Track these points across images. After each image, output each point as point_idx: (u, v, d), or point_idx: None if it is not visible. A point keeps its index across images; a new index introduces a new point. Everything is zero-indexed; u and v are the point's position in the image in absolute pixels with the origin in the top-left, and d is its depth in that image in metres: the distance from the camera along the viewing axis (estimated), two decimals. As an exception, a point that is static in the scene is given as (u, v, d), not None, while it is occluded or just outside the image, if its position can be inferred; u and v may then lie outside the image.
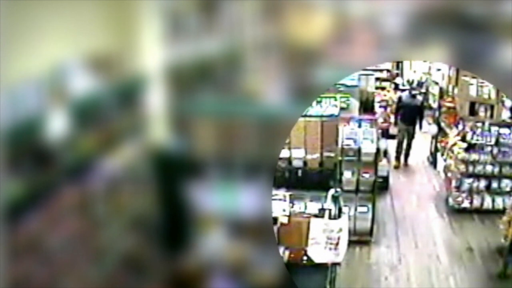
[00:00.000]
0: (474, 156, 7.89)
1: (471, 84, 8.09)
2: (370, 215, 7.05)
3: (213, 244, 3.98)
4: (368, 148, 6.86)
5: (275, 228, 4.49)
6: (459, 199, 8.03)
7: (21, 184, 2.51)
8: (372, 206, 7.06)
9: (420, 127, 10.62)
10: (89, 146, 3.10)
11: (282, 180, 4.88)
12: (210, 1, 4.08)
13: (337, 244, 4.49)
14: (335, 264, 4.66)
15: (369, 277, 6.44)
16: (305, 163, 5.13)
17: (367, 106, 8.40)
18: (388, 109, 10.87)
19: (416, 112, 10.36)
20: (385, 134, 9.72)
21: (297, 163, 5.07)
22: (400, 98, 10.70)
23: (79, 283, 3.00)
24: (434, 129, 10.28)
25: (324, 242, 4.49)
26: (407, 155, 10.57)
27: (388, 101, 11.11)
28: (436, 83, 12.29)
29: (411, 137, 10.48)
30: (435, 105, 11.64)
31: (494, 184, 7.94)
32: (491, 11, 4.53)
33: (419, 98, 10.87)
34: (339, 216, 4.64)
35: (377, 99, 9.85)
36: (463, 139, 8.07)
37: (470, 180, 7.97)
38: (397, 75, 15.27)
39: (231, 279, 3.93)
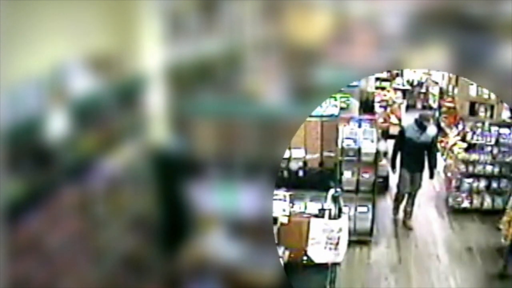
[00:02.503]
0: (474, 156, 7.90)
1: (471, 84, 8.09)
2: (370, 215, 7.05)
3: (212, 244, 3.98)
4: (368, 148, 6.87)
5: (275, 228, 4.49)
6: (459, 199, 8.04)
7: (21, 184, 2.51)
8: (372, 206, 7.06)
9: (431, 175, 7.45)
10: (89, 146, 3.10)
11: (282, 180, 4.87)
12: (210, 1, 4.08)
13: (337, 244, 4.49)
14: (335, 264, 4.67)
15: (369, 277, 6.44)
16: (305, 163, 5.12)
17: (367, 106, 8.40)
18: (388, 109, 10.80)
19: (425, 152, 7.27)
20: (385, 134, 9.71)
21: (294, 166, 5.07)
22: (402, 131, 7.42)
23: (79, 283, 3.00)
24: (434, 129, 10.27)
25: (324, 242, 4.50)
26: (409, 212, 7.70)
27: (388, 101, 11.03)
28: (436, 83, 12.30)
29: (417, 187, 7.53)
30: (435, 105, 11.65)
31: (494, 184, 7.95)
32: (492, 12, 4.53)
33: (431, 130, 7.36)
34: (339, 216, 4.64)
35: (377, 99, 9.86)
36: (463, 139, 8.08)
37: (470, 180, 7.98)
38: (397, 75, 15.27)
39: (228, 280, 3.93)
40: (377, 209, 7.31)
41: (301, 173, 5.13)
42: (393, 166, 7.58)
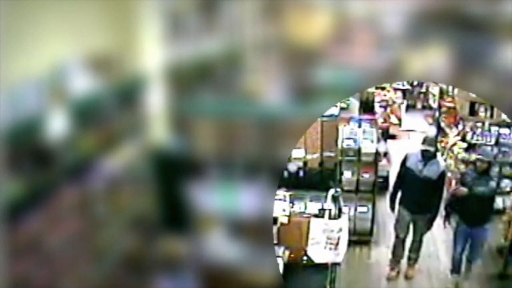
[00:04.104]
0: (474, 156, 7.88)
1: (471, 84, 8.08)
2: (370, 215, 7.06)
3: (212, 244, 3.98)
4: (368, 148, 6.87)
5: (275, 228, 4.49)
6: (459, 199, 8.01)
7: (21, 184, 2.51)
8: (372, 206, 7.07)
9: (430, 223, 6.02)
10: (89, 146, 3.10)
11: (282, 180, 4.88)
12: (210, 1, 4.08)
13: (337, 244, 4.50)
14: (335, 264, 4.67)
15: (369, 277, 6.44)
16: (305, 163, 5.13)
17: (367, 106, 8.41)
18: (388, 109, 10.79)
19: (431, 190, 5.77)
20: (385, 134, 9.71)
21: (293, 166, 5.07)
22: (404, 161, 5.93)
23: (79, 283, 3.00)
24: (434, 129, 10.26)
25: (324, 242, 4.50)
26: (414, 259, 6.40)
27: (388, 101, 11.02)
28: (436, 83, 12.28)
29: (421, 232, 6.15)
30: (435, 105, 11.63)
31: (494, 184, 7.92)
32: (492, 12, 4.53)
33: (441, 162, 6.06)
34: (339, 216, 4.64)
35: (377, 99, 9.86)
36: (463, 139, 8.08)
37: (470, 180, 7.95)
38: (397, 75, 15.22)
39: (227, 280, 3.93)
40: (377, 209, 7.31)
41: (301, 173, 5.14)
42: (392, 204, 6.14)
